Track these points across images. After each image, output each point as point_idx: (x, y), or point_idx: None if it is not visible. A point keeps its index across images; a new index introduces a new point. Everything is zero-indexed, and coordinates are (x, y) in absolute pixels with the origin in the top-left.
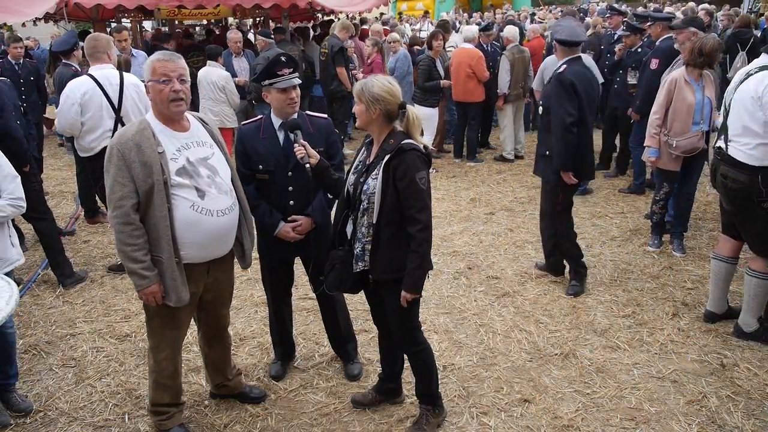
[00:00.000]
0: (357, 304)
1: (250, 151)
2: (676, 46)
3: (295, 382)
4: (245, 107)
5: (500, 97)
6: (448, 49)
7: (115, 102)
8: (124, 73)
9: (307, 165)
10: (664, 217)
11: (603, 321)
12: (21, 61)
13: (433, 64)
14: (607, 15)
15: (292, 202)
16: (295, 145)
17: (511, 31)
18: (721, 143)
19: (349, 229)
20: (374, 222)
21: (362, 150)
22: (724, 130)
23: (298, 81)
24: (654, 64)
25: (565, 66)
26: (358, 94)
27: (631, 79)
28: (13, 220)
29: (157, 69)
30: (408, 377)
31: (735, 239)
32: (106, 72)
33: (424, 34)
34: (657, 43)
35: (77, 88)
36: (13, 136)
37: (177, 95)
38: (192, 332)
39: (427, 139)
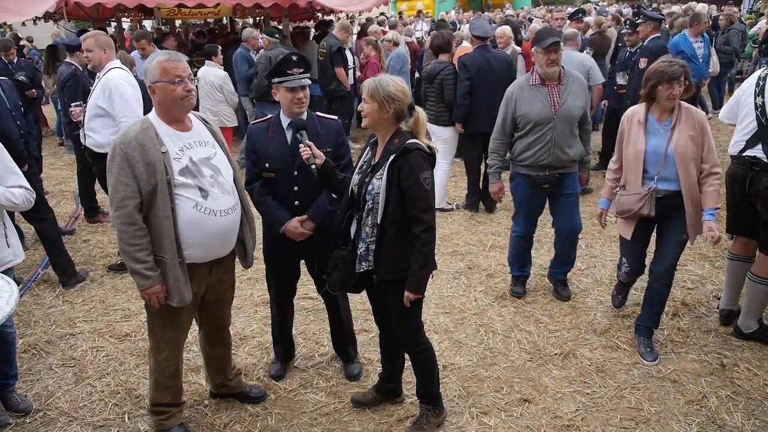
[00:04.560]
0: (357, 304)
1: (258, 149)
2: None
3: (295, 381)
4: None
5: None
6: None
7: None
8: None
9: (313, 165)
10: (623, 292)
11: (603, 321)
12: (15, 60)
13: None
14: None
15: (297, 202)
16: (301, 145)
17: (506, 30)
18: (755, 152)
19: (353, 229)
20: (378, 222)
21: (367, 150)
22: (763, 137)
23: (307, 81)
24: (643, 63)
25: (470, 52)
26: (372, 93)
27: (620, 80)
28: (13, 219)
29: (169, 70)
30: (408, 377)
31: (752, 239)
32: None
33: (419, 34)
34: (645, 43)
35: (127, 78)
36: (8, 136)
37: (190, 93)
38: (192, 332)
39: (444, 169)
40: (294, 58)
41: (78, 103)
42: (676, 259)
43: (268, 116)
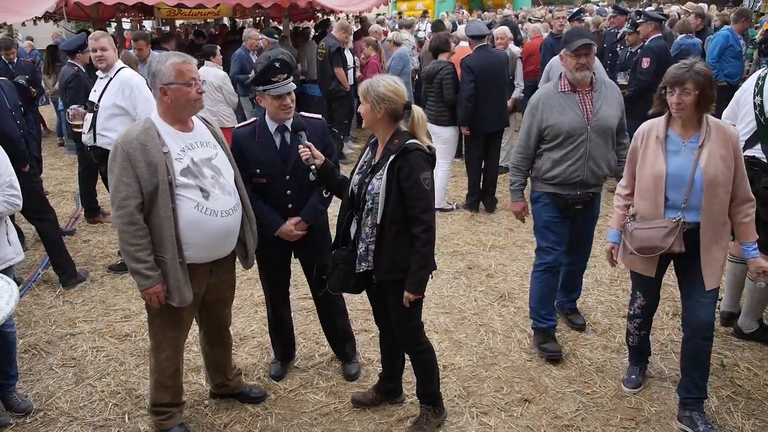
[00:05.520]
0: (357, 304)
1: (246, 154)
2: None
3: (295, 381)
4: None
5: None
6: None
7: None
8: None
9: (313, 166)
10: (644, 339)
11: (603, 321)
12: (15, 61)
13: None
14: (611, 15)
15: (290, 205)
16: (300, 146)
17: (506, 31)
18: (755, 152)
19: (352, 229)
20: (378, 222)
21: (367, 150)
22: (762, 137)
23: (292, 87)
24: (645, 63)
25: (471, 53)
26: (364, 94)
27: (621, 80)
28: (13, 219)
29: (184, 72)
30: (408, 377)
31: None
32: None
33: (422, 35)
34: (646, 43)
35: (138, 75)
36: (9, 136)
37: (201, 96)
38: (192, 332)
39: (445, 169)
40: (277, 65)
41: (80, 105)
42: (714, 305)
43: (252, 120)
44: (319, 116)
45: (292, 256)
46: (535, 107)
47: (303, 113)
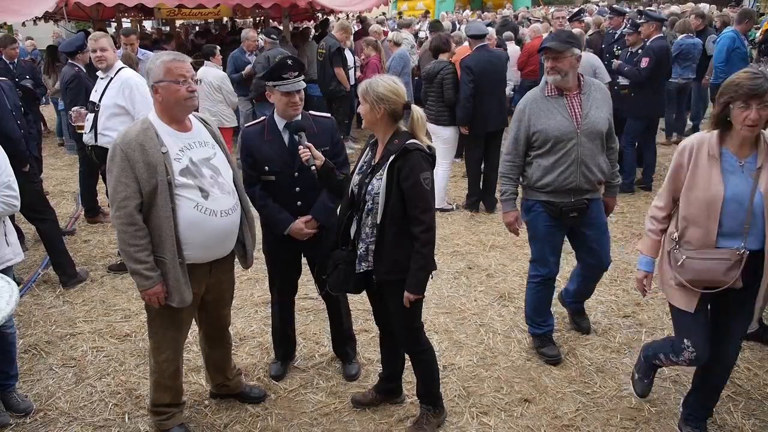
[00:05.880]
0: (357, 304)
1: (255, 153)
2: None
3: (295, 382)
4: (248, 110)
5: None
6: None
7: None
8: None
9: (313, 167)
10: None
11: (603, 321)
12: (16, 60)
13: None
14: (609, 16)
15: (299, 202)
16: (300, 147)
17: (492, 32)
18: None
19: (352, 229)
20: (378, 222)
21: (367, 151)
22: None
23: (303, 85)
24: (644, 62)
25: (471, 53)
26: (363, 94)
27: (622, 80)
28: (13, 219)
29: (173, 70)
30: (408, 377)
31: None
32: None
33: (423, 34)
34: (648, 43)
35: (138, 75)
36: (10, 137)
37: (193, 94)
38: (192, 332)
39: (445, 168)
40: (289, 62)
41: (82, 106)
42: (743, 336)
43: (261, 118)
44: (328, 115)
45: (302, 255)
46: (522, 112)
47: (312, 112)
